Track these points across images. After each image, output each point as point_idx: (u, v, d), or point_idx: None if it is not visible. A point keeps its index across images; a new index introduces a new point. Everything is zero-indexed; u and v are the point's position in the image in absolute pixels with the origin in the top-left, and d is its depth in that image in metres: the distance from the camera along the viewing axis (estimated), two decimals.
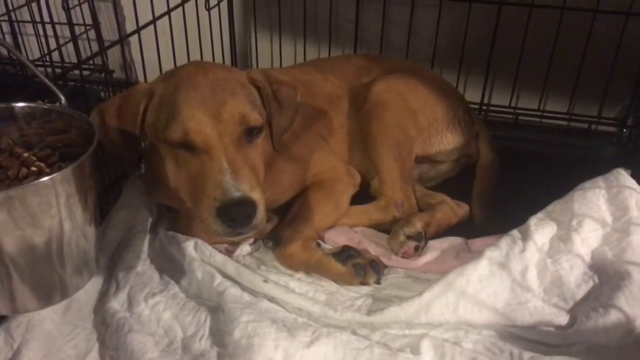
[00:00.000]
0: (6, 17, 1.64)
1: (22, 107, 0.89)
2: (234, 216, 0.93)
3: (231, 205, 0.92)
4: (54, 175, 0.75)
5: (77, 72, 1.32)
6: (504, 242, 1.07)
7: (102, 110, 1.05)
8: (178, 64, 1.54)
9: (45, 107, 0.88)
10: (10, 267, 0.79)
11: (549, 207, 1.15)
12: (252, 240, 1.24)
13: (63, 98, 0.89)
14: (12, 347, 0.93)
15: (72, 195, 0.80)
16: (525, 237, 1.08)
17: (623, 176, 1.13)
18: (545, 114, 1.69)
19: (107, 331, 1.00)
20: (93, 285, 1.10)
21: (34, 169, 0.84)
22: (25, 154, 0.86)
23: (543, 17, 1.57)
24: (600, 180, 1.13)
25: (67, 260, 0.84)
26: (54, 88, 0.88)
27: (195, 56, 1.61)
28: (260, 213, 0.96)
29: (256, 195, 0.96)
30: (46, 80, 0.87)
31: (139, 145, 1.10)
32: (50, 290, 0.86)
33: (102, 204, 1.24)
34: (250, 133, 1.02)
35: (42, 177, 0.78)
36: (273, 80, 1.12)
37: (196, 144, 0.97)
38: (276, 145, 1.13)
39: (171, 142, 0.99)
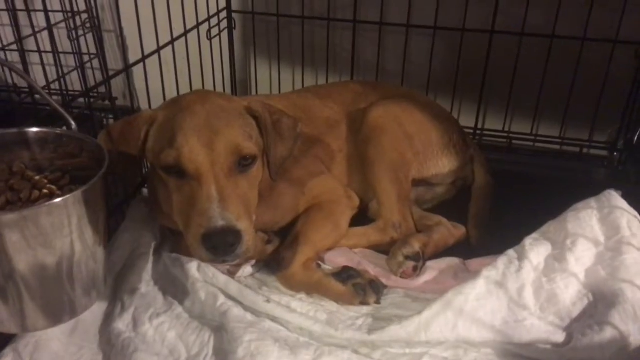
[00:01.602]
0: (15, 47, 1.68)
1: (35, 132, 0.92)
2: (217, 244, 0.95)
3: (214, 234, 0.95)
4: (67, 196, 0.78)
5: (81, 99, 1.36)
6: (501, 261, 1.10)
7: (108, 133, 1.09)
8: (180, 92, 1.59)
9: (57, 132, 0.92)
10: (21, 286, 0.81)
11: (544, 228, 1.18)
12: (254, 261, 1.26)
13: (74, 124, 0.92)
14: None
15: (83, 217, 0.83)
16: (521, 256, 1.11)
17: (614, 197, 1.17)
18: (538, 137, 1.74)
19: (113, 351, 1.02)
20: (98, 307, 1.11)
21: (45, 191, 0.86)
22: (37, 177, 0.89)
23: (534, 45, 1.62)
24: (592, 202, 1.17)
25: (76, 280, 0.86)
26: (65, 114, 0.91)
27: (197, 83, 1.66)
28: (246, 242, 0.98)
29: (242, 225, 0.98)
30: (58, 107, 0.90)
31: (140, 168, 1.13)
32: (59, 309, 0.88)
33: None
34: (243, 163, 1.05)
35: (53, 199, 0.81)
36: (274, 111, 1.16)
37: (188, 170, 1.00)
38: (273, 175, 1.15)
39: (165, 167, 1.02)
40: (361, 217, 1.40)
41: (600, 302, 1.03)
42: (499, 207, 1.43)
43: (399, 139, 1.37)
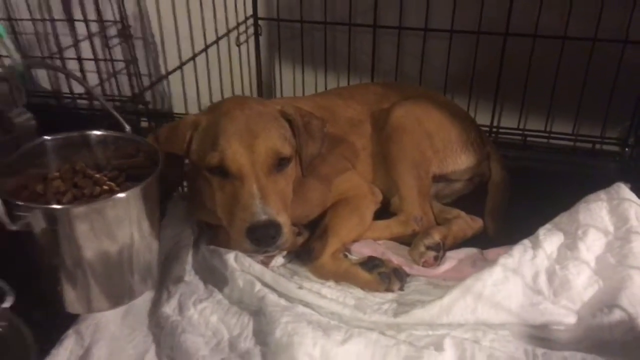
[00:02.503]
0: (57, 56, 1.80)
1: (97, 135, 1.03)
2: (260, 236, 1.06)
3: (258, 227, 1.05)
4: (128, 192, 0.88)
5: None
6: (516, 250, 1.18)
7: (156, 136, 1.19)
8: (205, 95, 1.70)
9: (116, 134, 1.02)
10: (88, 272, 0.91)
11: (556, 219, 1.26)
12: (285, 252, 1.36)
13: (128, 126, 1.02)
14: (82, 346, 1.05)
15: (141, 211, 0.93)
16: (535, 245, 1.19)
17: (623, 189, 1.24)
18: (551, 134, 1.81)
19: (162, 333, 1.12)
20: (147, 294, 1.22)
21: (105, 187, 0.97)
22: (97, 175, 1.00)
23: (547, 45, 1.70)
24: (602, 194, 1.25)
25: (135, 268, 0.96)
26: (120, 118, 1.02)
27: (225, 87, 1.76)
28: (285, 234, 1.09)
29: (281, 219, 1.08)
30: (113, 112, 1.01)
31: (182, 168, 1.23)
32: (120, 293, 0.98)
33: None
34: (280, 163, 1.15)
35: (114, 195, 0.92)
36: (304, 114, 1.26)
37: (231, 171, 1.11)
38: (305, 172, 1.26)
39: (210, 168, 1.13)
40: (383, 212, 1.49)
41: (610, 287, 1.11)
42: (514, 201, 1.50)
43: (420, 138, 1.46)
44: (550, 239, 1.19)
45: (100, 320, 1.09)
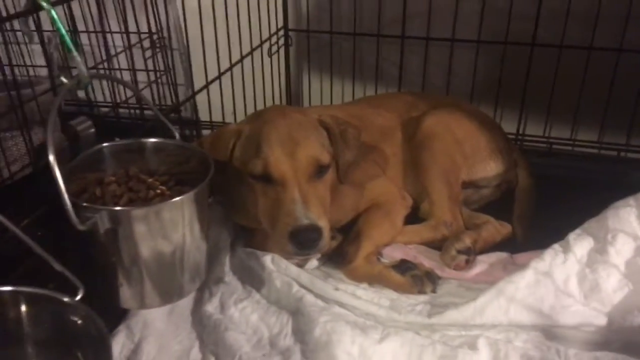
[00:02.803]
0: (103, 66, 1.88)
1: (152, 142, 1.09)
2: (303, 240, 1.12)
3: (301, 231, 1.11)
4: (183, 196, 0.94)
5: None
6: (547, 254, 1.21)
7: (200, 144, 1.25)
8: (239, 105, 1.76)
9: (170, 142, 1.08)
10: (143, 271, 0.97)
11: (585, 225, 1.29)
12: (319, 255, 1.40)
13: (177, 134, 1.08)
14: (133, 340, 1.11)
15: (193, 214, 0.98)
16: (566, 250, 1.22)
17: None
18: (576, 142, 1.84)
19: (205, 330, 1.18)
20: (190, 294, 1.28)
21: (158, 191, 1.02)
22: (150, 180, 1.05)
23: (572, 55, 1.73)
24: (630, 200, 1.27)
25: (185, 268, 1.02)
26: (170, 126, 1.08)
27: (258, 97, 1.82)
28: (325, 238, 1.14)
29: (322, 223, 1.14)
30: (165, 120, 1.07)
31: (222, 177, 1.29)
32: (171, 291, 1.04)
33: None
34: (319, 170, 1.20)
35: (166, 198, 0.98)
36: (340, 122, 1.32)
37: (274, 177, 1.16)
38: (342, 179, 1.31)
39: (254, 175, 1.18)
40: (413, 218, 1.53)
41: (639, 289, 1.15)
42: (541, 208, 1.54)
43: (450, 145, 1.51)
44: (580, 244, 1.23)
45: (147, 317, 1.15)
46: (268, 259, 1.32)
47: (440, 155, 1.49)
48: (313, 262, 1.39)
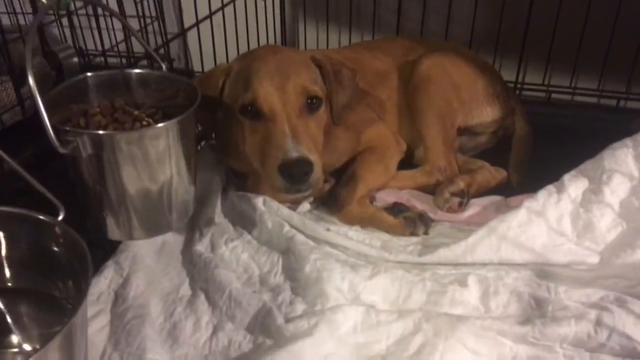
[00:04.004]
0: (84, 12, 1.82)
1: (137, 73, 1.06)
2: (293, 172, 1.09)
3: (290, 163, 1.09)
4: (167, 122, 0.92)
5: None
6: (541, 194, 1.20)
7: None
8: (231, 52, 1.72)
9: (157, 73, 1.06)
10: (128, 200, 0.96)
11: (581, 166, 1.27)
12: (311, 198, 1.39)
13: (164, 66, 1.06)
14: (121, 275, 1.11)
15: (179, 145, 0.96)
16: (560, 190, 1.20)
17: None
18: (576, 90, 1.81)
19: (195, 269, 1.17)
20: (179, 234, 1.27)
21: (144, 123, 1.00)
22: (136, 112, 1.03)
23: (573, 1, 1.68)
24: (628, 140, 1.25)
25: (173, 208, 1.01)
26: (157, 57, 1.05)
27: (252, 44, 1.78)
28: (316, 172, 1.12)
29: (313, 157, 1.12)
30: (153, 53, 1.05)
31: (215, 115, 1.27)
32: (159, 226, 1.03)
33: None
34: (310, 105, 1.18)
35: None
36: (334, 62, 1.29)
37: (263, 110, 1.14)
38: (336, 120, 1.29)
39: (242, 109, 1.16)
40: (407, 165, 1.51)
41: (633, 229, 1.13)
42: (540, 156, 1.51)
43: (447, 89, 1.48)
44: (575, 184, 1.21)
45: (137, 253, 1.14)
46: (260, 200, 1.31)
47: (436, 99, 1.46)
48: (305, 206, 1.38)
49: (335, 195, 1.35)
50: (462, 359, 0.95)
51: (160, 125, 0.91)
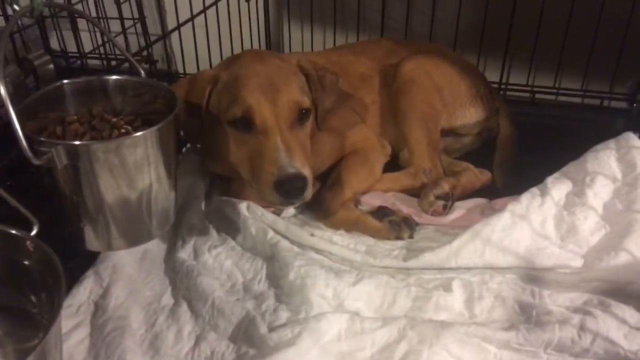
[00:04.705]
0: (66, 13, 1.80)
1: (114, 80, 1.04)
2: (289, 189, 1.08)
3: (287, 180, 1.08)
4: (146, 131, 0.90)
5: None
6: (525, 197, 1.20)
7: (174, 89, 1.20)
8: (215, 53, 1.71)
9: (134, 79, 1.04)
10: (107, 211, 0.94)
11: (565, 168, 1.28)
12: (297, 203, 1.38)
13: (143, 72, 1.04)
14: (101, 285, 1.09)
15: (158, 154, 0.94)
16: (544, 193, 1.21)
17: (632, 138, 1.25)
18: (560, 91, 1.81)
19: (178, 276, 1.15)
20: (162, 241, 1.25)
21: (122, 130, 0.98)
22: (114, 119, 1.01)
23: (556, 2, 1.69)
24: (611, 143, 1.26)
25: (153, 216, 0.99)
26: (135, 63, 1.03)
27: (235, 45, 1.76)
28: (310, 187, 1.11)
29: (307, 172, 1.11)
30: (131, 59, 1.02)
31: (201, 122, 1.25)
32: (138, 232, 1.01)
33: None
34: (301, 117, 1.17)
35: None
36: (318, 68, 1.28)
37: (255, 124, 1.12)
38: (321, 125, 1.28)
39: (232, 122, 1.14)
40: (392, 166, 1.50)
41: (616, 231, 1.13)
42: (524, 156, 1.51)
43: (429, 91, 1.47)
44: (558, 187, 1.21)
45: (117, 263, 1.12)
46: (244, 206, 1.30)
47: (419, 101, 1.45)
48: (290, 210, 1.37)
49: (320, 200, 1.34)
50: None
51: (138, 134, 0.89)
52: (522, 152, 1.54)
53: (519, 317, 1.01)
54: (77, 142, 0.88)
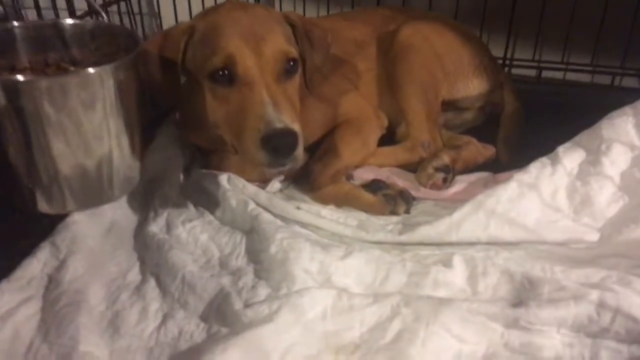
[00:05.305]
0: None
1: (71, 25, 0.93)
2: (278, 146, 0.96)
3: (275, 136, 0.95)
4: (98, 68, 0.78)
5: None
6: (534, 166, 1.09)
7: (145, 49, 1.09)
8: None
9: (92, 24, 0.92)
10: (60, 176, 0.83)
11: (577, 137, 1.16)
12: (282, 177, 1.26)
13: (105, 15, 0.92)
14: (58, 258, 0.97)
15: (118, 111, 0.83)
16: (554, 162, 1.09)
17: None
18: (569, 66, 1.69)
19: (148, 252, 1.04)
20: (132, 214, 1.14)
21: None
22: (71, 68, 0.90)
23: None
24: (627, 108, 1.14)
25: (115, 185, 0.89)
26: (97, 7, 0.92)
27: None
28: (301, 144, 0.99)
29: (296, 127, 0.99)
30: (92, 1, 0.90)
31: (178, 82, 1.13)
32: (97, 195, 0.90)
33: None
34: (288, 68, 1.05)
35: None
36: (306, 21, 1.17)
37: (238, 74, 1.00)
38: (309, 83, 1.16)
39: (212, 75, 1.02)
40: (389, 143, 1.39)
41: (636, 202, 1.02)
42: (531, 134, 1.39)
43: (429, 58, 1.36)
44: (570, 155, 1.10)
45: (78, 234, 1.00)
46: (224, 178, 1.19)
47: (418, 70, 1.34)
48: (275, 185, 1.25)
49: (309, 172, 1.22)
50: (447, 347, 0.83)
51: (90, 70, 0.77)
52: (530, 130, 1.41)
53: (529, 293, 0.89)
54: (19, 78, 0.75)
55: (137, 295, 0.95)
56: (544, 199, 1.04)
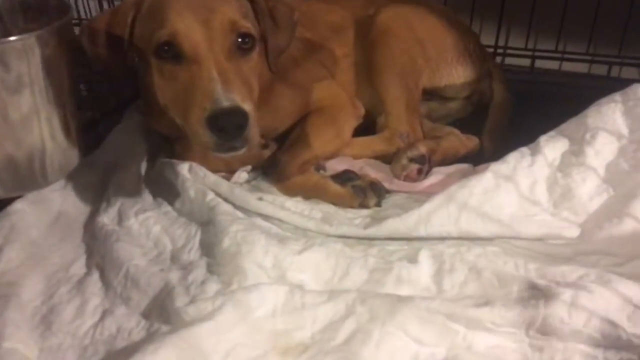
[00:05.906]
0: None
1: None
2: (224, 125, 0.88)
3: (221, 114, 0.88)
4: (24, 35, 0.71)
5: None
6: (512, 156, 1.01)
7: (91, 26, 1.02)
8: None
9: None
10: None
11: (562, 126, 1.09)
12: (249, 167, 1.19)
13: None
14: None
15: (45, 83, 0.76)
16: (535, 152, 1.02)
17: None
18: (564, 55, 1.61)
19: (96, 244, 0.98)
20: (84, 204, 1.08)
21: None
22: None
23: None
24: (617, 95, 1.06)
25: (49, 172, 0.82)
26: None
27: None
28: (252, 126, 0.91)
29: (247, 107, 0.91)
30: None
31: (126, 61, 1.05)
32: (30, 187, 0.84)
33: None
34: (242, 45, 0.98)
35: None
36: None
37: (184, 49, 0.93)
38: (272, 65, 1.08)
39: (158, 50, 0.95)
40: (371, 134, 1.31)
41: (621, 195, 0.94)
42: (520, 127, 1.31)
43: (410, 43, 1.28)
44: (552, 145, 1.02)
45: (17, 223, 0.95)
46: (185, 167, 1.12)
47: (398, 55, 1.26)
48: (242, 175, 1.18)
49: (276, 162, 1.15)
50: (403, 349, 0.76)
51: (12, 38, 0.70)
52: (519, 121, 1.33)
53: (497, 292, 0.82)
54: None
55: (77, 290, 0.89)
56: (521, 192, 0.97)
